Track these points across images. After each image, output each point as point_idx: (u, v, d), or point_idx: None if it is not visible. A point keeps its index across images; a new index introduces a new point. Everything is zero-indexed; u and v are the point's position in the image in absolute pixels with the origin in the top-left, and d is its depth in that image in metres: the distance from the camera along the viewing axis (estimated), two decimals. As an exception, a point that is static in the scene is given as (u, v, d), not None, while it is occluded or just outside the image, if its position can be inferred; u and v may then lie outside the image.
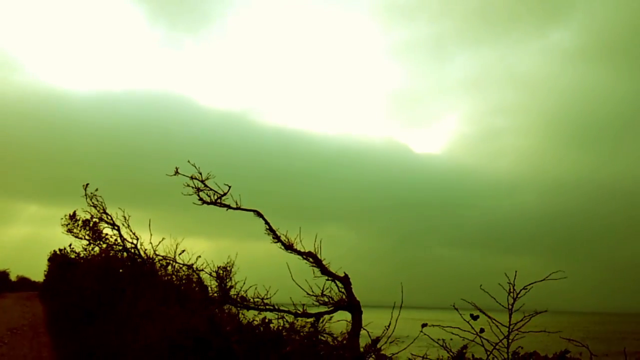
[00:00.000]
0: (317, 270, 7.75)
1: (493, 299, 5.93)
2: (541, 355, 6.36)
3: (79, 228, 15.55)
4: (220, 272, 9.18)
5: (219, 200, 8.30)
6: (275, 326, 7.59)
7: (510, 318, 5.95)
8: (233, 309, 8.55)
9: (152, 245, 12.06)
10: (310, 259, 7.73)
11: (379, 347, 7.06)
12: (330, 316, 7.57)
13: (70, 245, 18.63)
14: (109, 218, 13.77)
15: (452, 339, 6.30)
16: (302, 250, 7.83)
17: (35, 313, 25.57)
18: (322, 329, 7.51)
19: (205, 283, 9.75)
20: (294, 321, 7.61)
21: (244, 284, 8.43)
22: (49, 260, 30.91)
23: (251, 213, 8.19)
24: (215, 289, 9.09)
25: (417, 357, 6.55)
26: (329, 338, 7.37)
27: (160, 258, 11.04)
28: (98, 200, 13.83)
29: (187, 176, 8.34)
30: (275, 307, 7.78)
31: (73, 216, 15.79)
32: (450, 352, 6.18)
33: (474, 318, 5.85)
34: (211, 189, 8.30)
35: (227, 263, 9.22)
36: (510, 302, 5.84)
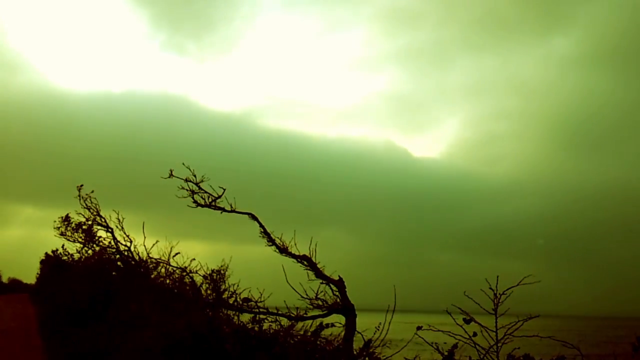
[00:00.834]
0: (312, 274, 7.74)
1: (485, 300, 6.01)
2: (536, 359, 6.40)
3: (72, 230, 15.46)
4: (214, 275, 9.15)
5: (213, 203, 8.28)
6: (269, 329, 7.58)
7: (496, 322, 6.03)
8: (227, 312, 8.52)
9: (146, 247, 12.02)
10: (305, 262, 7.73)
11: (372, 351, 7.07)
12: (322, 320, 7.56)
13: (63, 246, 18.53)
14: (103, 220, 13.70)
15: (446, 342, 6.34)
16: (297, 253, 7.83)
17: (27, 315, 25.40)
18: (317, 332, 7.50)
19: (199, 286, 9.71)
20: (288, 324, 7.60)
21: (238, 286, 8.43)
22: (41, 262, 30.76)
23: (247, 216, 8.18)
24: (209, 292, 9.06)
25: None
26: (323, 341, 7.36)
27: (153, 261, 11.00)
28: (92, 202, 13.76)
29: (182, 178, 8.33)
30: (269, 311, 7.76)
31: (66, 218, 15.70)
32: (442, 354, 6.22)
33: (467, 322, 5.90)
34: (206, 192, 8.29)
35: (221, 266, 9.20)
36: (492, 308, 5.92)
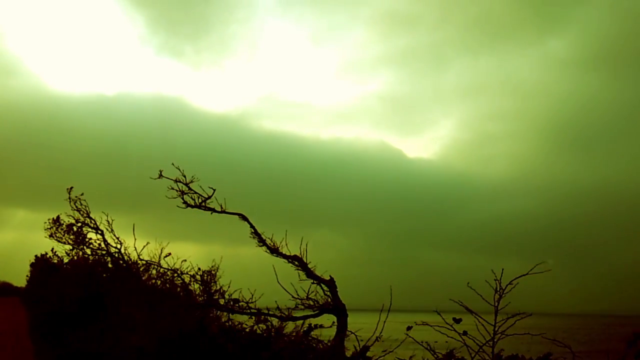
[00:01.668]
0: (303, 274, 7.73)
1: (480, 298, 6.01)
2: (526, 357, 6.42)
3: (62, 232, 15.36)
4: (205, 276, 9.11)
5: (203, 204, 8.26)
6: (260, 329, 7.56)
7: (495, 316, 6.03)
8: (218, 313, 8.50)
9: (137, 249, 11.97)
10: (296, 263, 7.72)
11: (366, 355, 7.06)
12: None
13: (53, 249, 18.41)
14: (93, 222, 13.62)
15: (437, 342, 6.34)
16: (288, 253, 7.82)
17: (17, 318, 25.21)
18: (308, 332, 7.49)
19: (190, 287, 9.67)
20: (279, 324, 7.59)
21: (229, 287, 8.40)
22: (31, 265, 30.53)
23: (240, 217, 8.16)
24: (200, 293, 9.03)
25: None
26: (313, 341, 7.36)
27: (144, 262, 10.95)
28: (82, 204, 13.68)
29: (172, 179, 8.30)
30: (261, 311, 7.75)
31: (57, 220, 15.60)
32: (435, 354, 6.22)
33: (457, 322, 5.92)
34: (195, 192, 8.27)
35: (212, 267, 9.16)
36: (496, 299, 5.92)
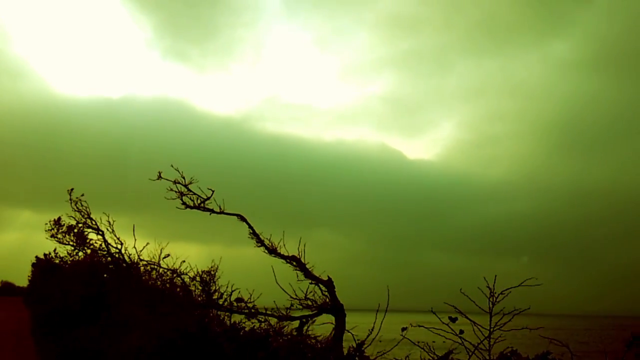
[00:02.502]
0: (301, 274, 7.79)
1: (474, 303, 6.04)
2: (522, 356, 6.46)
3: (63, 233, 15.45)
4: (205, 277, 9.18)
5: (202, 205, 8.33)
6: (259, 328, 7.62)
7: (490, 321, 6.05)
8: (217, 313, 8.56)
9: (137, 250, 12.05)
10: (294, 263, 7.78)
11: (362, 349, 7.11)
12: (314, 319, 7.61)
13: (55, 250, 18.51)
14: (93, 223, 13.71)
15: (435, 341, 6.39)
16: (286, 254, 7.88)
17: (19, 318, 25.29)
18: (307, 332, 7.55)
19: (190, 287, 9.74)
20: (278, 324, 7.65)
21: (227, 287, 8.46)
22: (33, 265, 30.64)
23: (238, 218, 8.21)
24: (199, 293, 9.10)
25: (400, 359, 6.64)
26: (312, 341, 7.41)
27: (144, 263, 11.03)
28: (82, 206, 13.77)
29: (171, 180, 8.37)
30: (259, 311, 7.81)
31: (58, 221, 15.69)
32: (432, 354, 6.26)
33: (453, 320, 5.96)
34: (194, 193, 8.34)
35: (211, 267, 9.23)
36: (490, 306, 5.95)
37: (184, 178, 8.35)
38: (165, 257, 9.78)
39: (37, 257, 27.78)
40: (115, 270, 13.03)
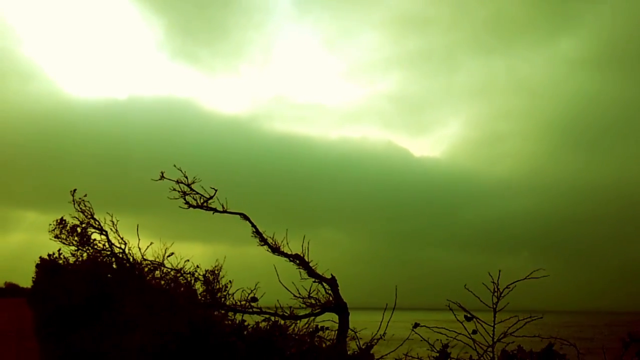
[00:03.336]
0: (305, 273, 7.77)
1: (478, 299, 5.99)
2: (526, 350, 6.43)
3: (67, 233, 15.45)
4: (209, 276, 9.16)
5: (205, 204, 8.31)
6: (263, 328, 7.60)
7: (494, 317, 6.00)
8: (222, 312, 8.54)
9: (140, 249, 12.04)
10: (297, 261, 7.76)
11: (371, 353, 7.08)
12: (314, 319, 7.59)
13: (59, 250, 18.53)
14: (97, 223, 13.70)
15: (439, 339, 6.33)
16: (289, 252, 7.85)
17: (23, 319, 25.33)
18: (314, 334, 7.52)
19: (194, 287, 9.72)
20: (282, 323, 7.63)
21: (230, 286, 8.45)
22: (37, 266, 30.68)
23: (241, 217, 8.19)
24: (203, 293, 9.08)
25: (407, 357, 6.59)
26: (317, 339, 7.39)
27: (148, 262, 11.01)
28: (86, 206, 13.76)
29: (174, 180, 8.36)
30: (263, 310, 7.79)
31: (61, 221, 15.68)
32: (435, 351, 6.22)
33: (468, 319, 5.88)
34: (197, 193, 8.32)
35: (216, 266, 9.21)
36: (494, 302, 5.89)
37: (186, 177, 8.34)
38: (169, 256, 9.77)
39: (41, 258, 27.83)
40: (119, 270, 13.03)
